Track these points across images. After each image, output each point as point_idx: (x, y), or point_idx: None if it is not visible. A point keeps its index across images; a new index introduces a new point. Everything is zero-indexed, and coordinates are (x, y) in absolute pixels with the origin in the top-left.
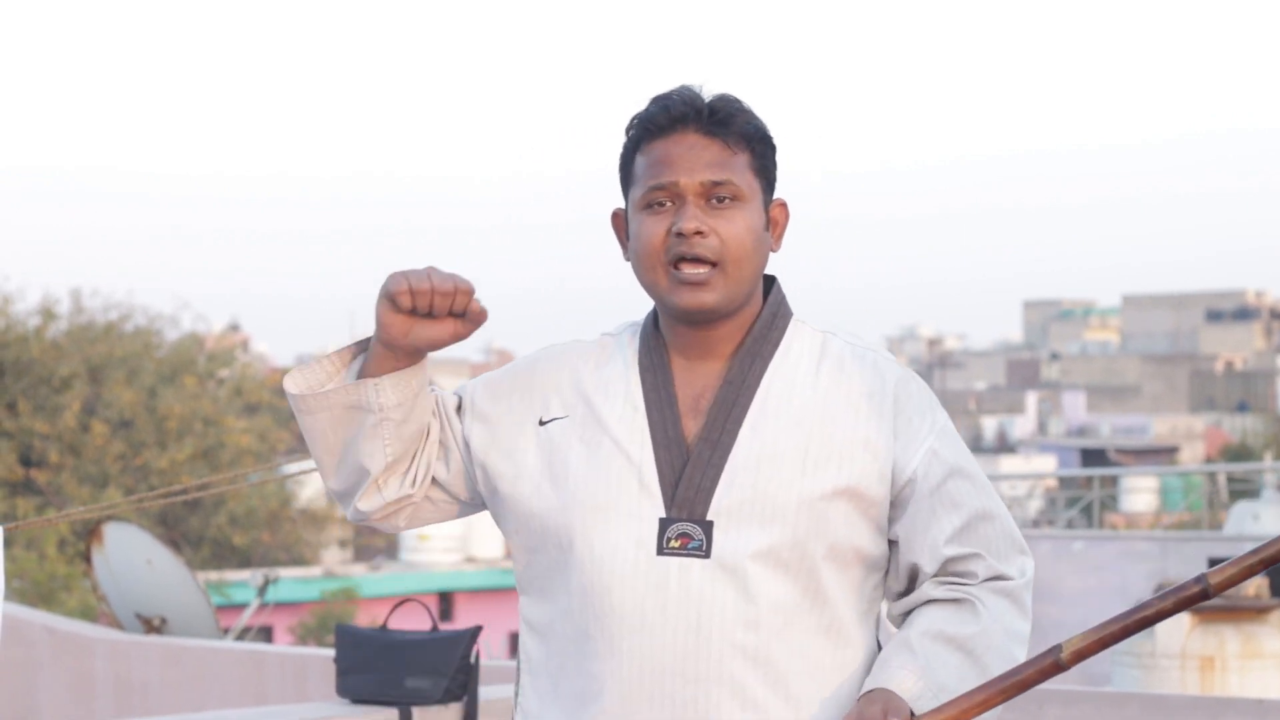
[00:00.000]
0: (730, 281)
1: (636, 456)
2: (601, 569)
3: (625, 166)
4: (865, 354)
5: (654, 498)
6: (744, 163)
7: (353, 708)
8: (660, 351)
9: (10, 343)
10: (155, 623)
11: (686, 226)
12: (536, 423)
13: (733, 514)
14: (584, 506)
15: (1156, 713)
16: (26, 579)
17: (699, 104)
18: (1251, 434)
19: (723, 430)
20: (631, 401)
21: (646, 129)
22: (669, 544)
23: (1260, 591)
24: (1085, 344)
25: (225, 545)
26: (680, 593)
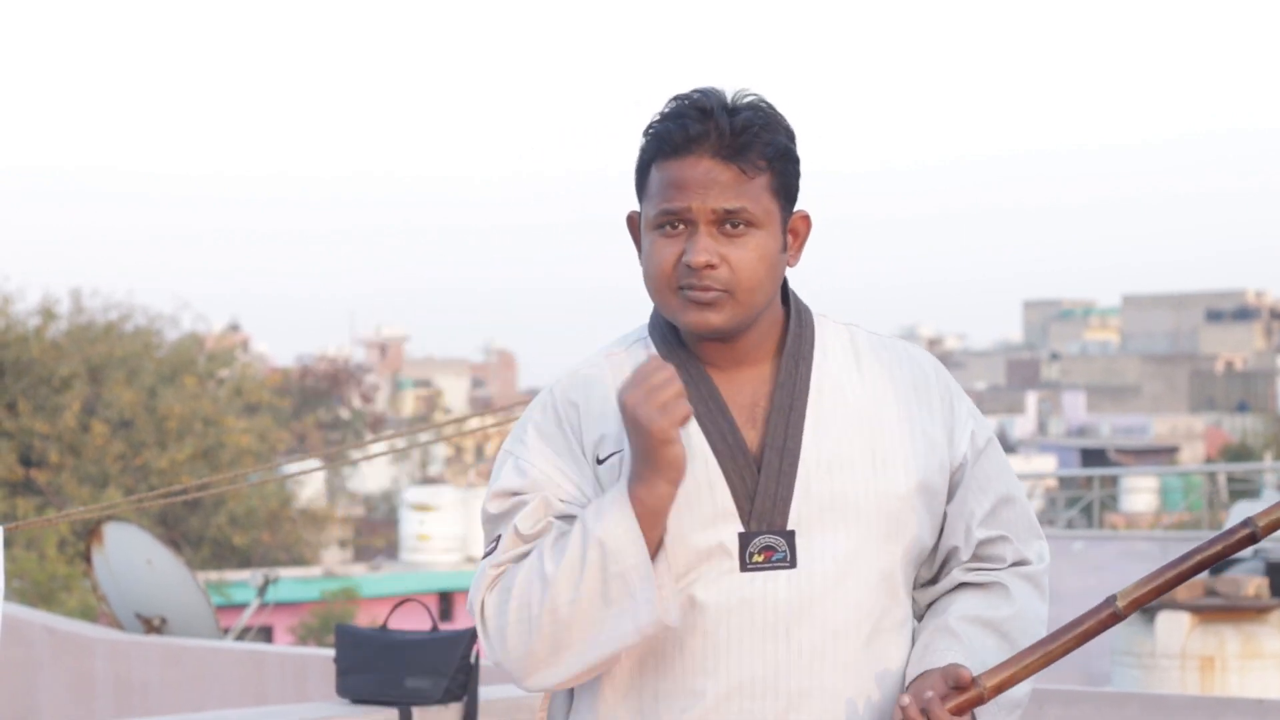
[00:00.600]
0: (740, 307)
1: (702, 474)
2: (688, 586)
3: (640, 175)
4: (893, 344)
5: (729, 513)
6: (762, 185)
7: (353, 708)
8: (694, 363)
9: (10, 343)
10: (155, 623)
11: (696, 260)
12: (594, 462)
13: (813, 521)
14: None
15: (1157, 713)
16: (26, 579)
17: (719, 124)
18: (1251, 434)
19: (786, 436)
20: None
21: (660, 147)
22: (752, 558)
23: (1260, 591)
24: (1085, 344)
25: (225, 545)
26: (768, 604)
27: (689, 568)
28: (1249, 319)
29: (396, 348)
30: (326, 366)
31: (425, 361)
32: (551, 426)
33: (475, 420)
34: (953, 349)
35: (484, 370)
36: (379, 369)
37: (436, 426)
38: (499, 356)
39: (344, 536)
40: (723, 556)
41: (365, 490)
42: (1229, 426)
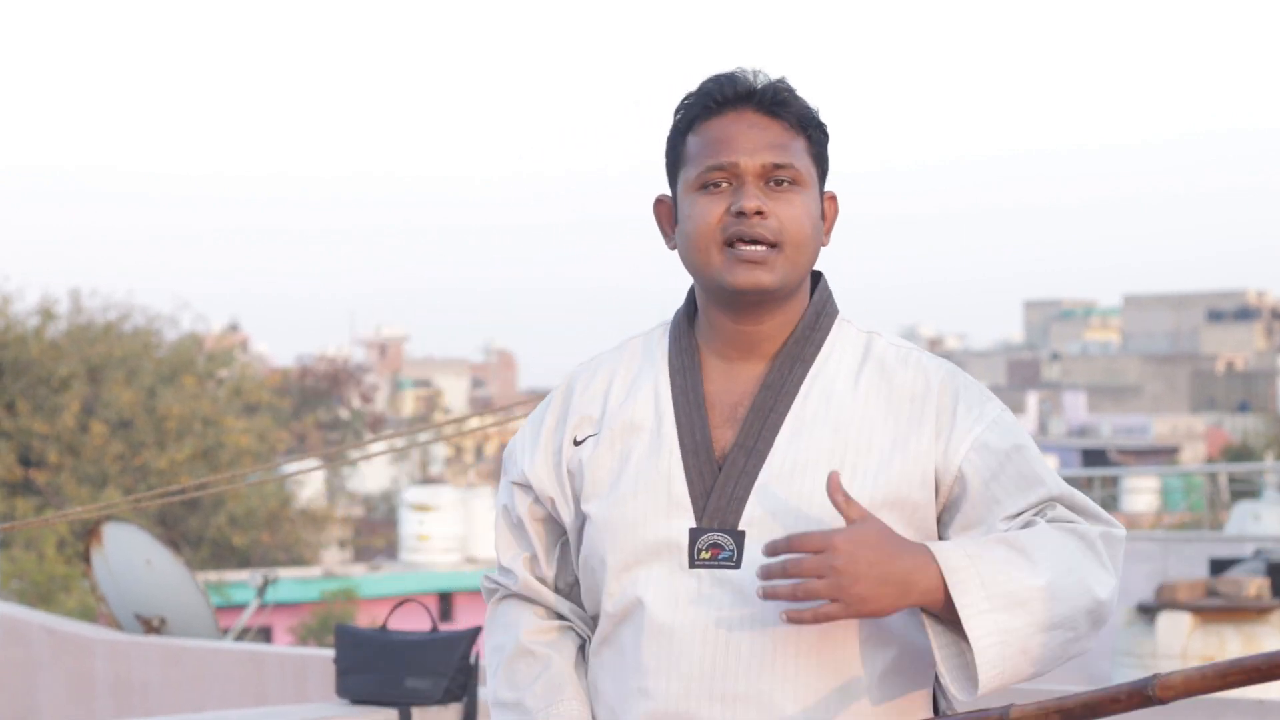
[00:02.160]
0: (788, 264)
1: (664, 466)
2: (635, 585)
3: (674, 149)
4: (909, 355)
5: (684, 508)
6: (802, 147)
7: (352, 708)
8: (692, 352)
9: (9, 343)
10: (155, 623)
11: (748, 205)
12: (572, 444)
13: (765, 524)
14: (613, 524)
15: (1157, 713)
16: (25, 579)
17: (758, 84)
18: (1252, 434)
19: (759, 437)
20: (659, 408)
21: (705, 105)
22: (699, 555)
23: (1261, 592)
24: (1086, 344)
25: (225, 545)
26: (710, 605)
27: (638, 560)
28: (1250, 319)
29: (396, 348)
30: (326, 366)
31: (425, 361)
32: (546, 413)
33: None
34: (953, 349)
35: (484, 370)
36: (379, 369)
37: (436, 426)
38: (499, 356)
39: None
40: (672, 550)
41: (365, 490)
42: (1230, 427)
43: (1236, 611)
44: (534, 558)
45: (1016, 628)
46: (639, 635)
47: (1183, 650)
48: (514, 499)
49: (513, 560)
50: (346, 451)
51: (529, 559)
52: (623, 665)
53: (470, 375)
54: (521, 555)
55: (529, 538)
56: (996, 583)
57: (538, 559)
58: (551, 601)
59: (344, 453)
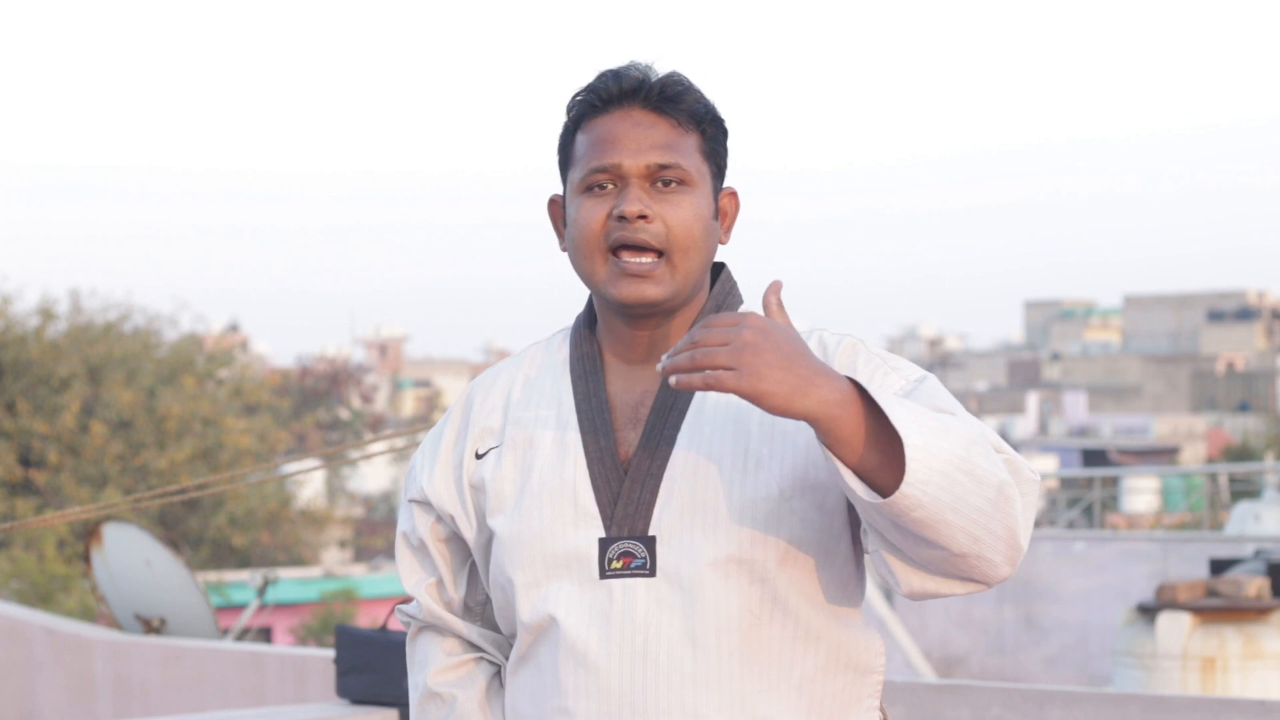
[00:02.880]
0: (676, 273)
1: (569, 475)
2: (547, 601)
3: (564, 148)
4: (809, 335)
5: (591, 517)
6: (693, 145)
7: (353, 708)
8: (593, 357)
9: (9, 343)
10: (155, 623)
11: (629, 209)
12: (474, 458)
13: (675, 527)
14: (520, 538)
15: (1158, 713)
16: (25, 580)
17: (647, 78)
18: (1253, 434)
19: (660, 438)
20: (563, 416)
21: (590, 104)
22: (611, 565)
23: (1262, 592)
24: (1086, 344)
25: (225, 546)
26: (625, 617)
27: (548, 574)
28: (1250, 319)
29: (396, 348)
30: (326, 367)
31: (425, 361)
32: (445, 427)
33: None
34: (954, 349)
35: (484, 370)
36: (378, 369)
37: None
38: (499, 356)
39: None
40: (582, 562)
41: (365, 490)
42: (1230, 427)
43: (1237, 612)
44: (439, 582)
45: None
46: (555, 653)
47: (1183, 650)
48: (414, 521)
49: (416, 588)
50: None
51: (434, 585)
52: (541, 685)
53: (470, 375)
54: (425, 582)
55: (433, 561)
56: (920, 408)
57: (444, 583)
58: (460, 629)
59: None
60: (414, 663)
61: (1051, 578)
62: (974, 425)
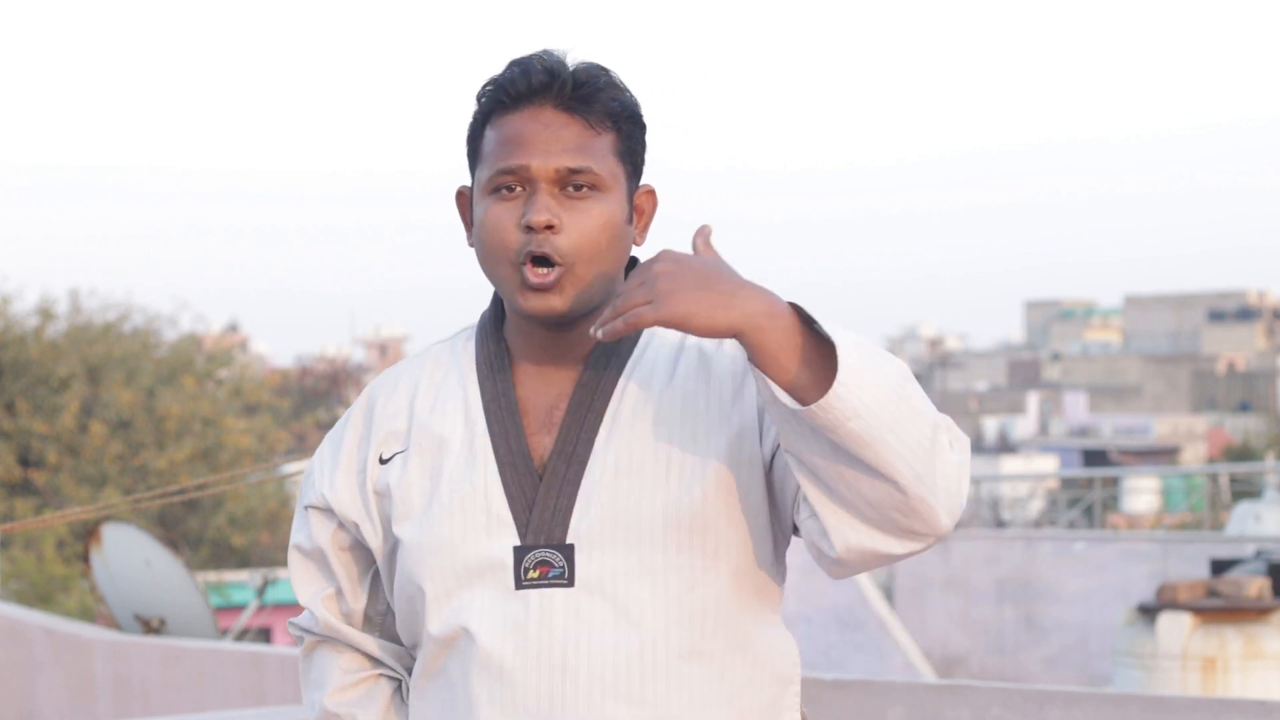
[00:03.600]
0: (580, 284)
1: (481, 482)
2: (459, 612)
3: (473, 140)
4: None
5: (505, 525)
6: (607, 145)
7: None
8: (501, 357)
9: (8, 343)
10: (154, 624)
11: (536, 219)
12: (379, 463)
13: (594, 535)
14: (429, 548)
15: (1158, 714)
16: (24, 580)
17: (561, 74)
18: (1253, 434)
19: (577, 442)
20: (471, 420)
21: (498, 99)
22: (527, 575)
23: (1262, 592)
24: (1087, 344)
25: (224, 546)
26: (542, 629)
27: (460, 584)
28: (1251, 319)
29: (396, 348)
30: (325, 367)
31: None
32: (345, 430)
33: None
34: (954, 349)
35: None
36: (378, 369)
37: None
38: None
39: None
40: (497, 572)
41: None
42: (1231, 427)
43: (1237, 612)
44: (338, 592)
45: (878, 363)
46: (467, 666)
47: (1183, 651)
48: (311, 528)
49: (312, 599)
50: None
51: (331, 595)
52: (450, 699)
53: None
54: (323, 593)
55: (331, 570)
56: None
57: (342, 593)
58: (358, 641)
59: None
60: (309, 681)
61: (1052, 578)
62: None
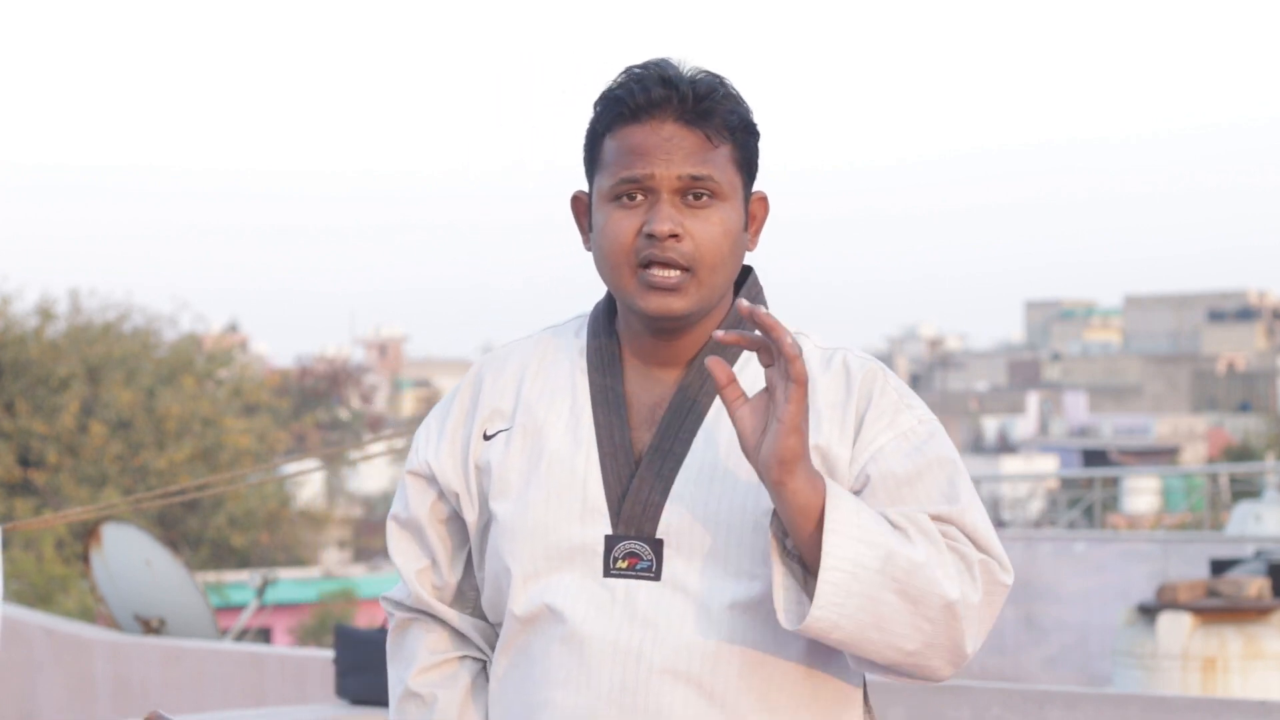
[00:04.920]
0: (703, 288)
1: (581, 469)
2: (545, 592)
3: (591, 147)
4: (834, 357)
5: (600, 513)
6: (725, 156)
7: (352, 709)
8: (612, 351)
9: (8, 343)
10: (154, 624)
11: (660, 229)
12: (482, 438)
13: (683, 533)
14: (523, 528)
15: (1158, 714)
16: (24, 580)
17: (680, 88)
18: (1254, 434)
19: (675, 440)
20: (578, 408)
21: (619, 112)
22: (616, 564)
23: (1262, 592)
24: (1087, 344)
25: (224, 546)
26: (624, 617)
27: (549, 566)
28: (1251, 319)
29: (396, 348)
30: (325, 367)
31: (424, 362)
32: (453, 404)
33: None
34: (954, 349)
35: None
36: (378, 369)
37: None
38: None
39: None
40: (587, 558)
41: (364, 491)
42: (1231, 427)
43: (1237, 612)
44: (433, 564)
45: (873, 570)
46: (548, 645)
47: (1183, 651)
48: (410, 498)
49: (406, 571)
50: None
51: (426, 569)
52: (529, 675)
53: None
54: (417, 566)
55: (427, 541)
56: (869, 525)
57: (438, 564)
58: (447, 616)
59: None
60: (397, 658)
61: (1052, 578)
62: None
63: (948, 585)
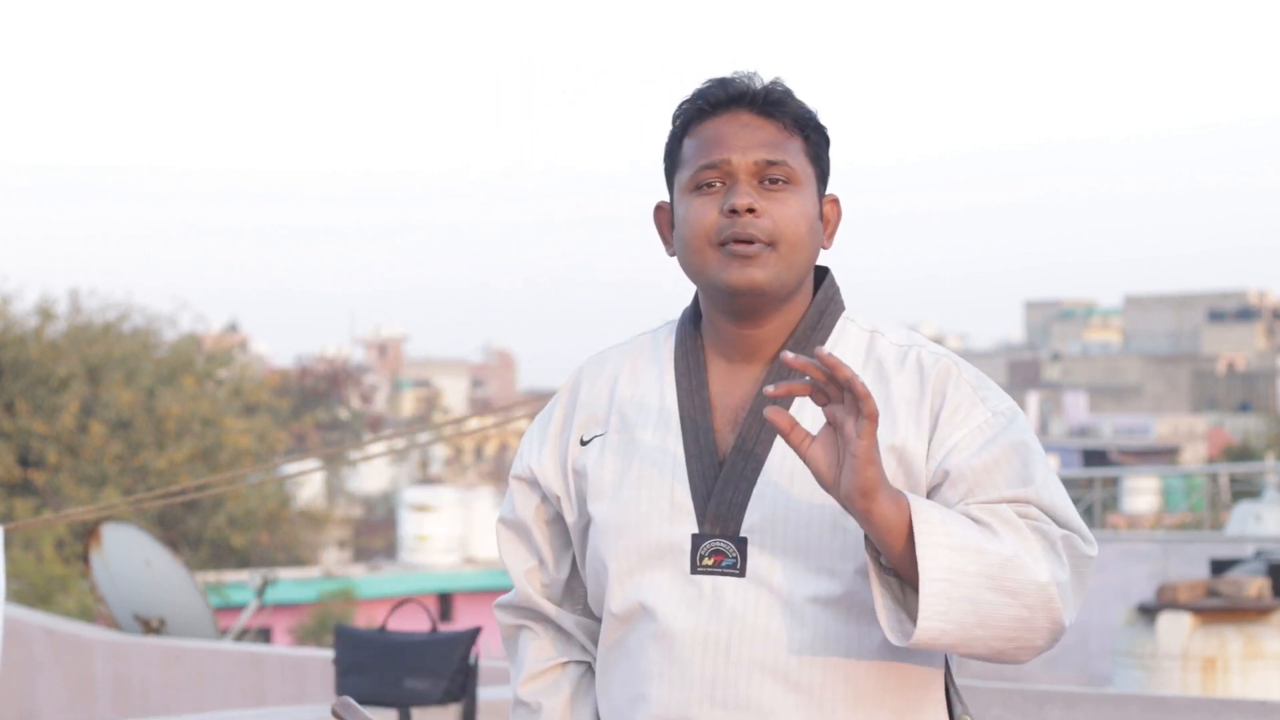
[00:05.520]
0: (783, 262)
1: (669, 470)
2: (639, 589)
3: (671, 154)
4: (908, 354)
5: (686, 513)
6: (798, 147)
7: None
8: (697, 354)
9: (8, 343)
10: (154, 624)
11: (740, 203)
12: (579, 444)
13: (766, 531)
14: (616, 527)
15: (1158, 714)
16: (24, 580)
17: (755, 84)
18: (1253, 434)
19: (757, 441)
20: (665, 411)
21: (699, 109)
22: (702, 562)
23: (1262, 592)
24: (1087, 344)
25: (224, 546)
26: (712, 613)
27: (642, 564)
28: (1251, 319)
29: (395, 348)
30: (325, 367)
31: (424, 362)
32: (554, 409)
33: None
34: (954, 349)
35: (483, 370)
36: (378, 369)
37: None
38: (498, 357)
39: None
40: (676, 556)
41: (364, 491)
42: (1231, 427)
43: (1237, 612)
44: (540, 564)
45: (970, 573)
46: (643, 640)
47: (1183, 651)
48: (515, 501)
49: (516, 572)
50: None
51: (534, 569)
52: (628, 670)
53: (470, 375)
54: (526, 566)
55: (534, 541)
56: (956, 530)
57: (545, 564)
58: (554, 615)
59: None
60: (512, 665)
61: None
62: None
63: (1038, 570)
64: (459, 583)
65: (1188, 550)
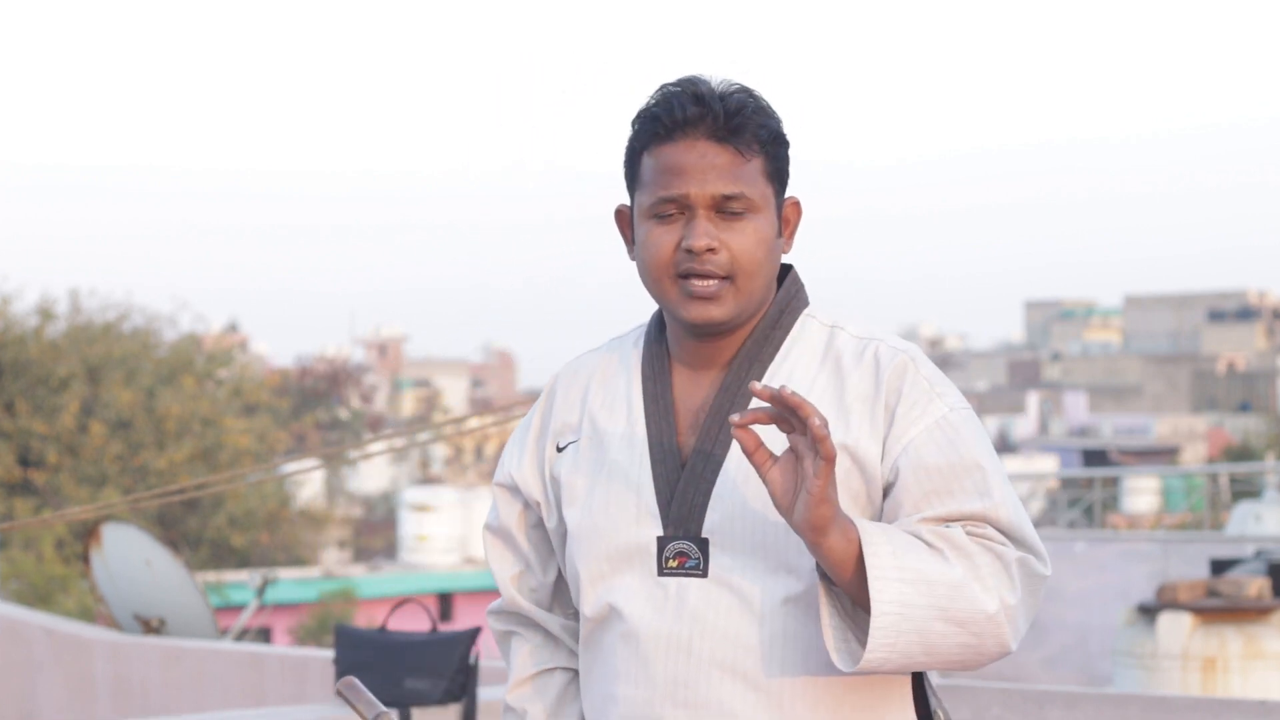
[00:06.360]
0: (741, 294)
1: (635, 475)
2: (610, 592)
3: (631, 164)
4: (865, 349)
5: (652, 516)
6: (757, 169)
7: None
8: (662, 360)
9: (8, 343)
10: (154, 624)
11: (697, 244)
12: (555, 450)
13: (726, 531)
14: (588, 533)
15: (1158, 713)
16: (24, 580)
17: (712, 106)
18: (1253, 434)
19: (715, 442)
20: (633, 417)
21: (655, 131)
22: (667, 563)
23: (1262, 592)
24: (1087, 344)
25: (224, 546)
26: (676, 613)
27: (612, 568)
28: (1251, 319)
29: (395, 348)
30: (325, 367)
31: (424, 362)
32: (534, 417)
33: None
34: (954, 349)
35: (483, 370)
36: (378, 369)
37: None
38: (498, 356)
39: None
40: (643, 558)
41: (364, 491)
42: (1231, 427)
43: (1237, 612)
44: (526, 570)
45: (919, 605)
46: (614, 642)
47: (1183, 651)
48: (499, 508)
49: (502, 578)
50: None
51: (519, 575)
52: (601, 671)
53: (470, 375)
54: (511, 572)
55: (518, 547)
56: (908, 560)
57: (531, 569)
58: (541, 619)
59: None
60: (509, 668)
61: (1052, 578)
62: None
63: (987, 600)
64: (459, 583)
65: (1188, 550)
